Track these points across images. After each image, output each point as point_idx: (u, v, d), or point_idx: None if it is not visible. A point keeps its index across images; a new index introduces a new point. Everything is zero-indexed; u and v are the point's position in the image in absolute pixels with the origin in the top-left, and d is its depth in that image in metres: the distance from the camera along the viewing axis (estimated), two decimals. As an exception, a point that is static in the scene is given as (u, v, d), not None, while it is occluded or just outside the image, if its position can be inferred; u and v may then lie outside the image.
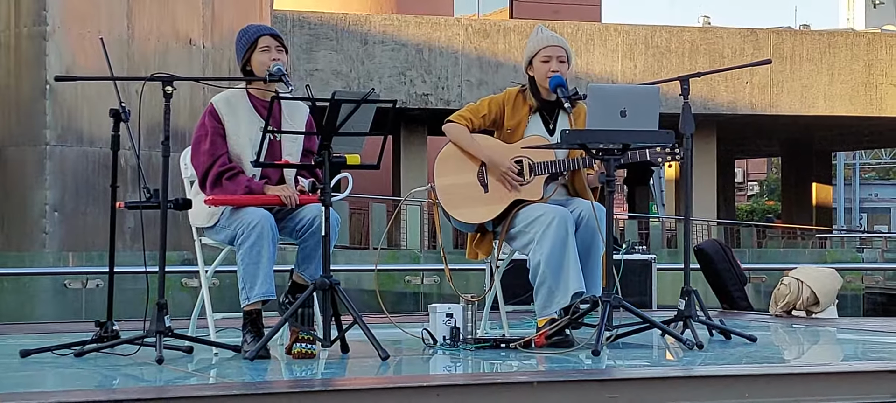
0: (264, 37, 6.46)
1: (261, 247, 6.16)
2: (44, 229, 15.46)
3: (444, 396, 4.81)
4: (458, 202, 6.87)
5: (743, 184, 58.91)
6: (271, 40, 6.46)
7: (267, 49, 6.44)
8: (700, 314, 6.83)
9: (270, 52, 6.43)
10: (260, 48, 6.45)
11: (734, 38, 27.31)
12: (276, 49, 6.45)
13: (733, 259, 9.89)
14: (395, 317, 7.56)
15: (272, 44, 6.45)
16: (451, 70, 25.68)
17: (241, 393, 4.72)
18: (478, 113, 6.94)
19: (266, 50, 6.45)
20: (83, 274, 13.63)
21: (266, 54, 6.43)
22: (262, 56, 6.44)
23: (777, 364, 6.27)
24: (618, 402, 4.98)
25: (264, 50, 6.45)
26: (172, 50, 16.29)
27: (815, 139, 34.21)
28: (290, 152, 6.47)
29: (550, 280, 6.56)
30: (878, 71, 27.91)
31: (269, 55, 6.43)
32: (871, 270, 19.52)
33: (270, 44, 6.45)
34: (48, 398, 4.50)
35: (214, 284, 6.89)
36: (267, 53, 6.44)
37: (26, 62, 15.59)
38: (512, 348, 6.41)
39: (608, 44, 26.55)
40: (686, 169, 6.93)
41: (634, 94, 6.48)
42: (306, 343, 6.06)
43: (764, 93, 27.20)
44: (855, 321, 9.60)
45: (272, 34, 6.49)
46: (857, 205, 54.19)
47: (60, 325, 8.65)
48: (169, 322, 6.01)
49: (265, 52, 6.44)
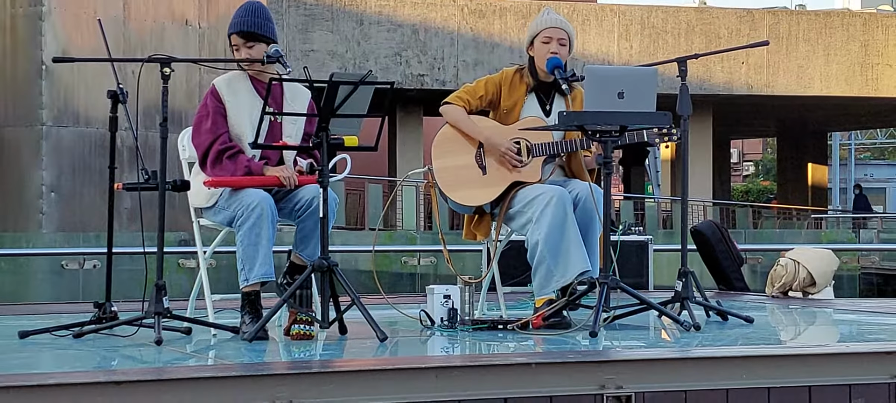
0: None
1: (260, 228, 6.16)
2: (40, 210, 15.47)
3: (443, 377, 4.83)
4: (455, 184, 6.87)
5: (738, 165, 58.90)
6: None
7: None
8: (697, 295, 6.84)
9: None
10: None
11: (730, 18, 27.30)
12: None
13: (730, 240, 9.91)
14: (391, 298, 7.58)
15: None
16: (447, 50, 25.66)
17: (240, 375, 4.73)
18: (475, 94, 6.93)
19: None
20: (80, 255, 13.64)
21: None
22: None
23: (774, 346, 6.28)
24: (615, 383, 4.99)
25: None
26: (168, 30, 16.28)
27: (810, 119, 34.22)
28: (290, 134, 6.47)
29: (549, 259, 6.57)
30: (873, 51, 27.91)
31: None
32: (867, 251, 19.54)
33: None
34: (47, 379, 4.51)
35: (212, 265, 6.90)
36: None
37: (22, 42, 15.58)
38: (509, 329, 6.43)
39: (604, 24, 26.53)
40: (683, 150, 6.94)
41: (632, 76, 6.48)
42: (304, 324, 6.07)
43: (760, 73, 27.20)
44: (851, 302, 9.63)
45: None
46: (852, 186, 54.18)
47: (59, 306, 8.66)
48: (167, 303, 6.02)
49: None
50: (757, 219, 32.75)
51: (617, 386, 4.99)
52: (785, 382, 5.20)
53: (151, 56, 6.17)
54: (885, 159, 59.86)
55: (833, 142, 47.42)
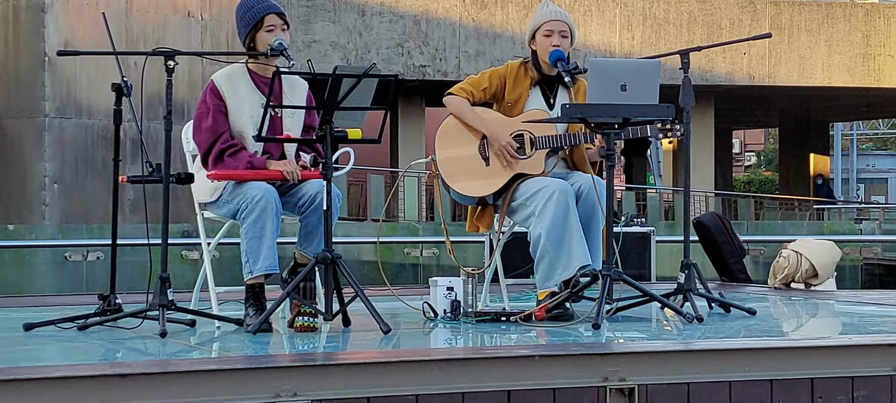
0: (270, 15, 6.40)
1: (264, 221, 6.17)
2: (43, 201, 15.48)
3: (446, 369, 4.84)
4: (459, 175, 6.88)
5: (740, 155, 58.89)
6: (277, 19, 6.41)
7: (272, 28, 6.40)
8: (700, 287, 6.85)
9: (275, 32, 6.40)
10: (266, 27, 6.40)
11: (732, 8, 27.27)
12: (281, 28, 6.43)
13: (732, 231, 9.92)
14: (394, 290, 7.59)
15: (278, 23, 6.41)
16: (449, 41, 25.65)
17: (244, 367, 4.74)
18: (479, 86, 6.94)
19: (271, 30, 6.40)
20: (84, 247, 13.65)
21: (271, 34, 6.39)
22: (267, 36, 6.39)
23: (777, 338, 6.29)
24: (618, 375, 5.01)
25: (269, 30, 6.39)
26: (171, 22, 16.28)
27: (812, 110, 34.19)
28: (289, 128, 6.47)
29: (551, 253, 6.58)
30: (876, 42, 27.89)
31: (274, 35, 6.40)
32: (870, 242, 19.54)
33: (276, 23, 6.40)
34: (53, 371, 4.52)
35: (215, 257, 6.91)
36: (272, 33, 6.40)
37: (25, 34, 15.59)
38: (512, 321, 6.44)
39: (606, 15, 26.51)
40: (685, 142, 6.95)
41: (635, 69, 6.49)
42: (308, 316, 6.09)
43: (762, 64, 27.18)
44: (854, 293, 9.62)
45: (277, 12, 6.44)
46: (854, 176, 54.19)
47: (63, 298, 8.67)
48: (171, 295, 6.03)
49: (270, 31, 6.40)
50: (759, 210, 32.74)
51: (620, 379, 5.00)
52: (787, 374, 5.21)
53: (156, 49, 6.16)
54: (887, 150, 59.84)
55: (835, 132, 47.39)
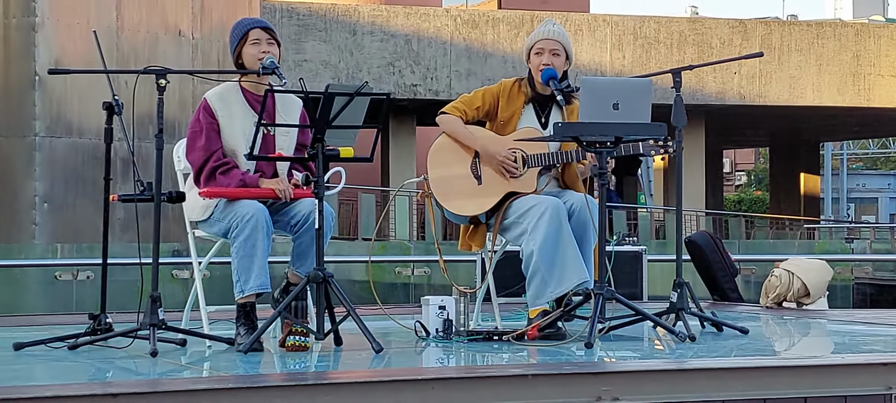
0: (254, 29, 6.46)
1: (255, 240, 6.16)
2: (33, 220, 15.46)
3: (439, 389, 4.82)
4: (451, 194, 6.88)
5: (731, 174, 58.97)
6: (262, 33, 6.45)
7: (257, 41, 6.44)
8: (692, 306, 6.84)
9: (260, 45, 6.43)
10: (250, 41, 6.45)
11: (723, 28, 27.33)
12: (267, 42, 6.45)
13: (724, 250, 9.92)
14: (386, 309, 7.57)
15: (263, 37, 6.44)
16: (440, 61, 25.68)
17: (235, 386, 4.72)
18: (472, 104, 6.94)
19: (256, 42, 6.44)
20: (74, 266, 13.62)
21: (256, 47, 6.43)
22: (252, 49, 6.43)
23: (769, 357, 6.28)
24: (610, 395, 4.99)
25: (254, 42, 6.44)
26: (162, 41, 16.29)
27: (802, 129, 34.27)
28: (282, 146, 6.47)
29: (544, 270, 6.57)
30: (866, 61, 27.96)
31: (259, 48, 6.42)
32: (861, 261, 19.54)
33: (260, 37, 6.44)
34: (43, 391, 4.50)
35: (206, 276, 6.89)
36: (257, 46, 6.43)
37: (15, 53, 15.59)
38: (504, 340, 6.42)
39: (597, 34, 26.56)
40: (676, 162, 6.94)
41: (627, 87, 6.48)
42: (300, 336, 6.06)
43: (752, 83, 27.23)
44: (846, 312, 9.62)
45: (263, 27, 6.48)
46: (844, 196, 54.28)
47: (53, 317, 8.64)
48: (162, 314, 6.01)
49: (255, 44, 6.44)
50: (750, 229, 32.77)
51: (612, 398, 4.98)
52: (780, 393, 5.20)
53: (147, 68, 6.16)
54: (877, 169, 59.97)
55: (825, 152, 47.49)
